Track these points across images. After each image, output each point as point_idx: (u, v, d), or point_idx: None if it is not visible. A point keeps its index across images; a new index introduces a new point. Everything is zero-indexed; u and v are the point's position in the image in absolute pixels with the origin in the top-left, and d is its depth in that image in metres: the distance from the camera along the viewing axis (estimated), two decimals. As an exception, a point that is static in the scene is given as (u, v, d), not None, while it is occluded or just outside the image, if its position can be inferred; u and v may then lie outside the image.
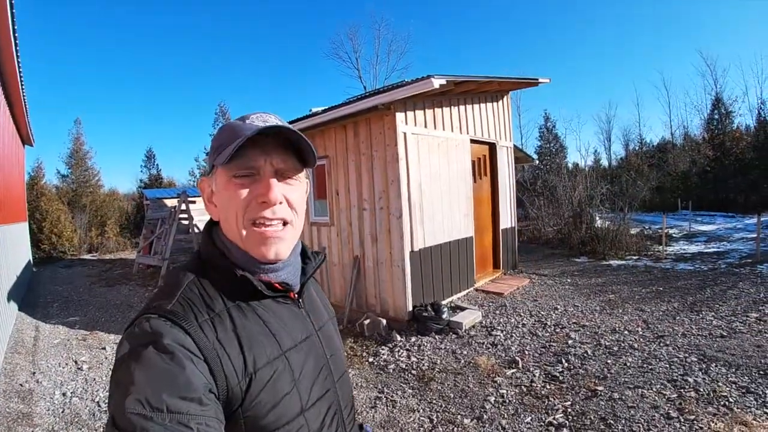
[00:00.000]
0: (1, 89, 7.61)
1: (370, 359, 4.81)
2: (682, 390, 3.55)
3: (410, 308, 5.69)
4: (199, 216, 12.77)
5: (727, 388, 3.51)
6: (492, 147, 8.01)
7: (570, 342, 4.78)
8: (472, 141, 7.25)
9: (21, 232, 10.63)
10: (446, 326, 5.38)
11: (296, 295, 0.90)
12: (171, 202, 13.96)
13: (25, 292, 9.35)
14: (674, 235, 12.40)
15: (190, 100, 63.41)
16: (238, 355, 0.72)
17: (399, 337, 5.27)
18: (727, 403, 3.31)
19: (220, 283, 0.79)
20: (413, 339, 5.22)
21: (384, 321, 5.62)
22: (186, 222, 11.84)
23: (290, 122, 6.57)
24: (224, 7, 61.55)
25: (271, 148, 0.80)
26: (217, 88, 62.92)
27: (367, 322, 5.63)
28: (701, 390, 3.52)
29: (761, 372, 3.73)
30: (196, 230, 11.53)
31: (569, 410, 3.40)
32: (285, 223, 0.82)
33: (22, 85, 8.03)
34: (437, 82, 5.03)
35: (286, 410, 0.76)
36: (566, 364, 4.22)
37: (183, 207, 11.33)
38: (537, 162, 18.86)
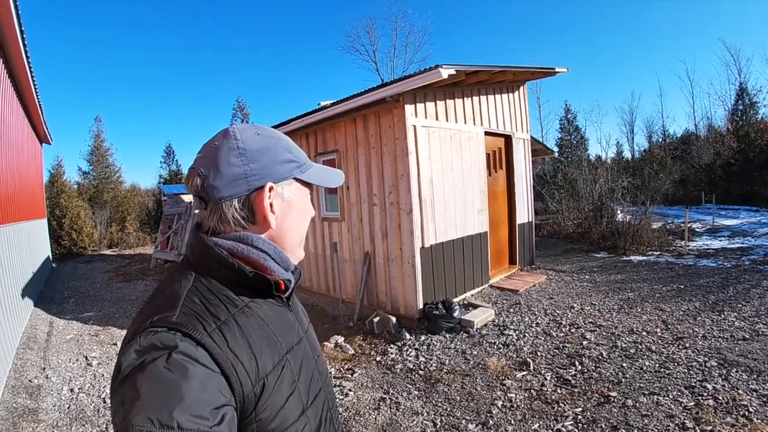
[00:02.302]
0: (15, 92, 7.73)
1: (378, 358, 4.72)
2: (699, 397, 3.37)
3: (421, 306, 5.59)
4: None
5: (748, 397, 3.31)
6: (508, 139, 7.82)
7: (585, 343, 4.61)
8: (487, 133, 7.08)
9: (39, 229, 10.80)
10: (457, 324, 5.26)
11: (286, 300, 0.92)
12: (188, 198, 14.07)
13: (43, 287, 9.51)
14: (697, 230, 12.01)
15: (207, 95, 64.13)
16: (250, 361, 0.72)
17: (408, 336, 5.17)
18: (746, 413, 3.11)
19: (219, 288, 0.78)
20: (423, 337, 5.12)
21: (394, 319, 5.52)
22: (201, 217, 11.89)
23: (300, 117, 6.56)
24: (241, 0, 61.86)
25: None
26: (233, 82, 63.39)
27: (376, 319, 5.54)
28: (720, 398, 3.33)
29: (785, 379, 3.51)
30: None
31: (579, 417, 3.26)
32: None
33: (34, 85, 8.18)
34: (445, 72, 4.86)
35: (292, 410, 0.77)
36: (579, 367, 4.06)
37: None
38: (556, 154, 18.52)
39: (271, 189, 0.81)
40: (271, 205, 0.82)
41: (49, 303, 8.09)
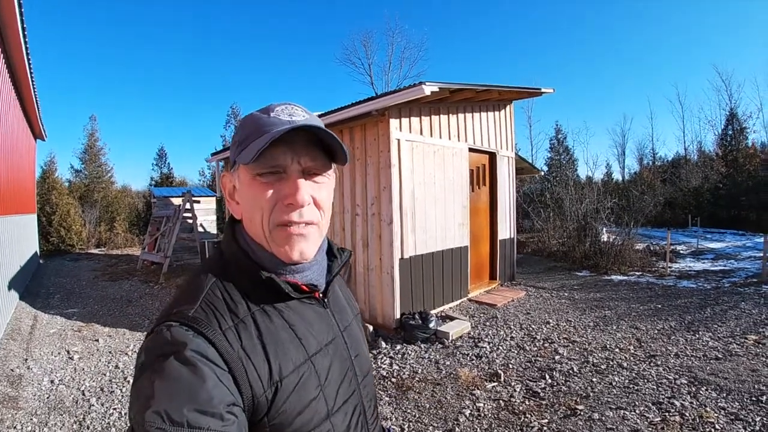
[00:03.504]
0: (12, 86, 7.79)
1: (353, 366, 4.76)
2: (666, 413, 3.42)
3: (398, 316, 5.65)
4: (203, 216, 12.82)
5: (715, 414, 3.37)
6: (492, 156, 7.94)
7: (557, 358, 4.68)
8: (471, 150, 7.20)
9: (28, 224, 10.80)
10: (433, 335, 5.32)
11: (321, 295, 0.85)
12: (177, 201, 14.09)
13: (29, 282, 9.50)
14: (681, 252, 12.18)
15: (201, 100, 64.09)
16: (263, 364, 0.69)
17: (384, 344, 5.22)
18: (713, 430, 3.17)
19: (244, 285, 0.75)
20: (398, 347, 5.17)
21: (371, 327, 5.58)
22: (190, 221, 11.94)
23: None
24: (239, 7, 62.11)
25: (299, 146, 0.75)
26: (228, 89, 63.41)
27: (354, 327, 5.58)
28: (687, 415, 3.39)
29: (753, 398, 3.58)
30: (201, 229, 11.60)
31: (545, 428, 3.31)
32: (309, 224, 0.77)
33: (32, 80, 8.23)
34: (428, 89, 5.00)
35: (313, 416, 0.73)
36: (549, 381, 4.12)
37: (187, 206, 11.42)
38: (543, 173, 18.70)
39: (229, 179, 0.81)
40: (231, 196, 0.81)
41: (34, 297, 8.10)
